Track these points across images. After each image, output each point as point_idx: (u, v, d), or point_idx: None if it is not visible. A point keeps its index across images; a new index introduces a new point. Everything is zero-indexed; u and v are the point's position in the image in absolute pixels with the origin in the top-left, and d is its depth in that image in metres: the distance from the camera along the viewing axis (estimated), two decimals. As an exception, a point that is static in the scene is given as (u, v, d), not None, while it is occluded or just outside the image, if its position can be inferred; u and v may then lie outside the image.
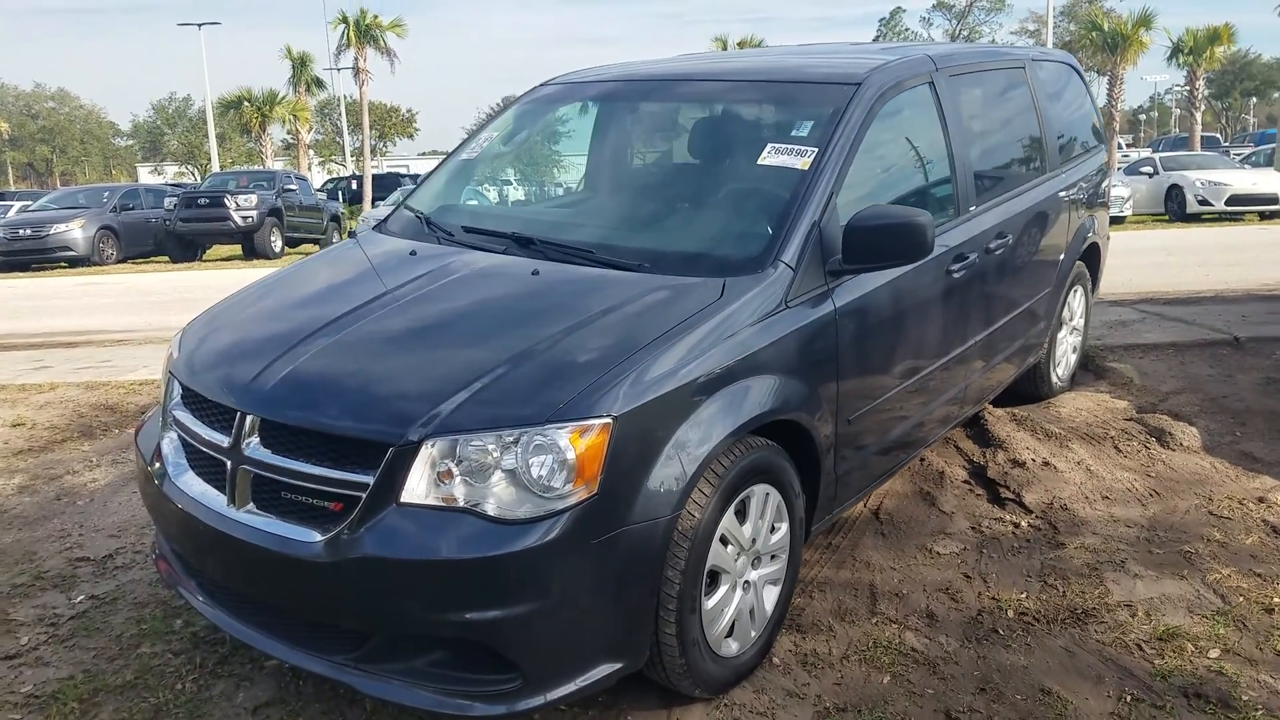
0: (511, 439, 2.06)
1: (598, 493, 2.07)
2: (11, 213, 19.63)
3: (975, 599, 2.90)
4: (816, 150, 2.80)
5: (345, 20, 32.41)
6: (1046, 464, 3.77)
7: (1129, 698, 2.39)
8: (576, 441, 2.06)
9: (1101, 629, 2.70)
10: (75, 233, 16.58)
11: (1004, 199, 3.72)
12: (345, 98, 46.95)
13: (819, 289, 2.65)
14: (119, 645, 2.77)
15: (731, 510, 2.38)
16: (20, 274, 15.28)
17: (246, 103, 32.85)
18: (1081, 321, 4.93)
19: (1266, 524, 3.32)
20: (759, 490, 2.48)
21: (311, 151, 40.41)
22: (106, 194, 18.61)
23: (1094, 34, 31.98)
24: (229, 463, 2.30)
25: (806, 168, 2.76)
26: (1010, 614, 2.80)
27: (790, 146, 2.84)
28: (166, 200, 18.41)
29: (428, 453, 2.06)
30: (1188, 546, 3.17)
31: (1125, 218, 17.33)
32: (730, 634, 2.47)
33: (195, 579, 2.51)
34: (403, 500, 2.06)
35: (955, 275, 3.27)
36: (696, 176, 3.22)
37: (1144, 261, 9.85)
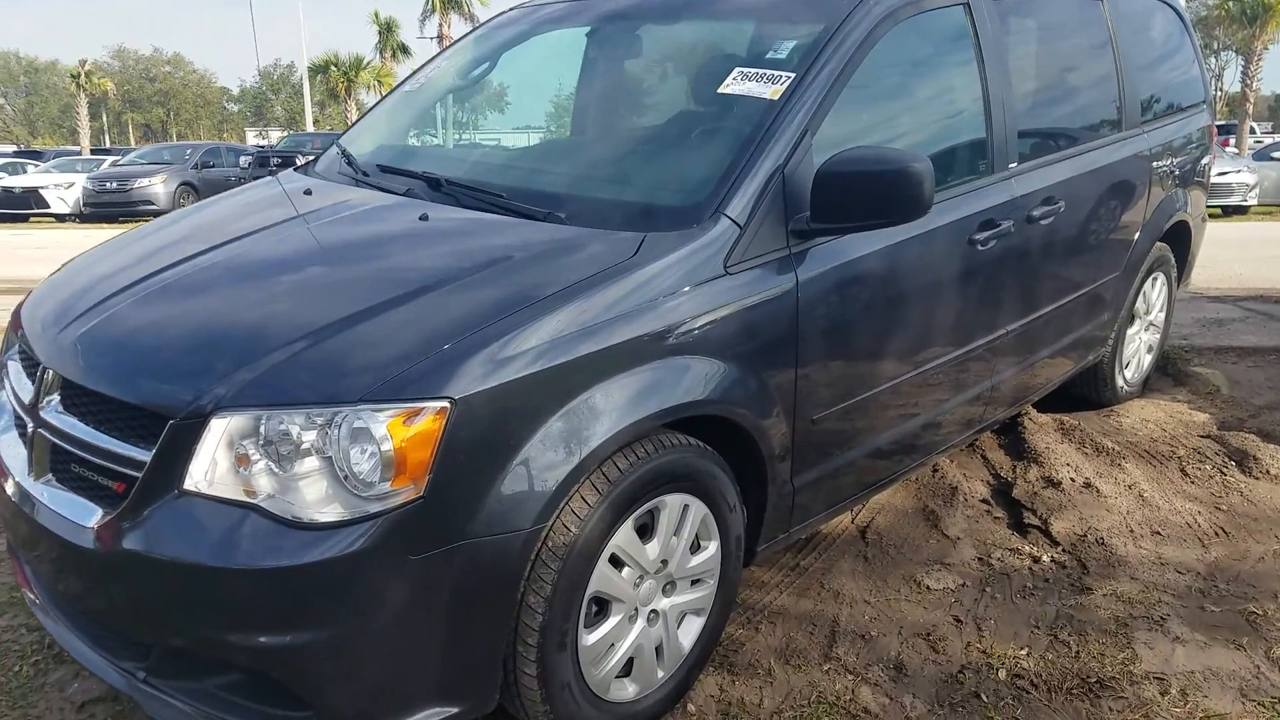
0: (322, 420, 1.62)
1: (425, 494, 1.61)
2: (103, 167, 20.38)
3: (961, 650, 2.31)
4: (794, 76, 2.23)
5: (428, -17, 32.41)
6: (1088, 485, 3.09)
7: (1139, 812, 1.80)
8: (397, 429, 1.60)
9: (1117, 707, 2.08)
10: (157, 187, 17.15)
11: (1058, 158, 3.04)
12: (434, 65, 47.56)
13: (777, 253, 2.10)
14: (-20, 616, 2.49)
15: (630, 524, 1.89)
16: (106, 225, 15.68)
17: (333, 68, 33.39)
18: (1161, 316, 4.17)
19: (1367, 583, 2.60)
20: (673, 501, 1.97)
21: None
22: (189, 151, 19.25)
23: (1230, 4, 29.25)
24: (30, 424, 1.94)
25: (776, 97, 2.20)
26: (1001, 675, 2.20)
27: (761, 71, 2.27)
28: (241, 159, 18.90)
29: (220, 429, 1.64)
30: (1254, 606, 2.49)
31: (1250, 206, 15.75)
32: (627, 674, 1.99)
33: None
34: (185, 487, 1.65)
35: (982, 247, 2.65)
36: (646, 110, 2.69)
37: (1262, 254, 8.75)
